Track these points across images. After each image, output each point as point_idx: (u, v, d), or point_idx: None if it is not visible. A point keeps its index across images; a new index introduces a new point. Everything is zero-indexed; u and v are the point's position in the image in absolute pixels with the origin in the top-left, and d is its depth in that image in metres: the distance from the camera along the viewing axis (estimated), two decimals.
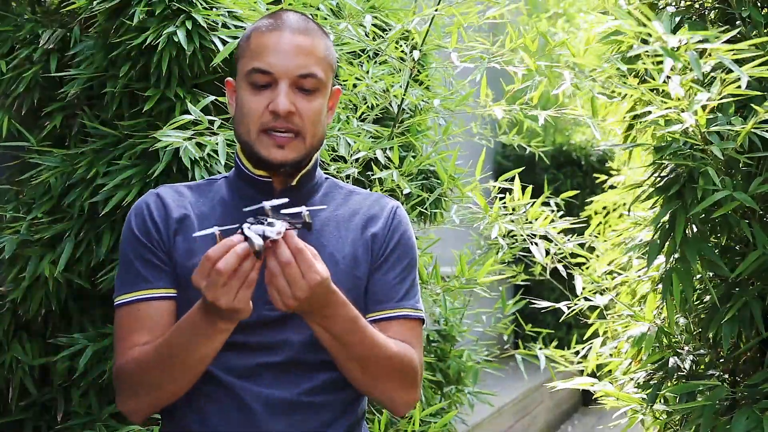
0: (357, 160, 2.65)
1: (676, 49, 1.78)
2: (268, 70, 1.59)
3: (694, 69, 1.77)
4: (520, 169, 3.03)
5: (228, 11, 2.57)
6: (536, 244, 2.81)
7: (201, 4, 2.52)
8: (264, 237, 1.38)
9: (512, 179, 2.90)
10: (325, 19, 2.71)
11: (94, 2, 2.56)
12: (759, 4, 2.28)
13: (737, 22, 2.25)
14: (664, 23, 1.82)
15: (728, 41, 1.93)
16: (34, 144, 2.70)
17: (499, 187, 2.96)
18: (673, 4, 2.39)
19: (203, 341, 1.51)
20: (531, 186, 2.93)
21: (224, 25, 2.53)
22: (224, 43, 2.50)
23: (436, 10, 2.70)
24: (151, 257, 1.63)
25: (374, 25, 2.79)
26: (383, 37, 2.79)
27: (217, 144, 2.34)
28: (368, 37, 2.73)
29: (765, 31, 2.20)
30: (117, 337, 1.64)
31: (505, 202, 2.91)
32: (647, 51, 1.80)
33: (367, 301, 1.66)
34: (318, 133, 1.64)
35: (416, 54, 2.73)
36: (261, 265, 1.41)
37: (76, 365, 2.55)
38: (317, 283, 1.43)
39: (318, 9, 2.67)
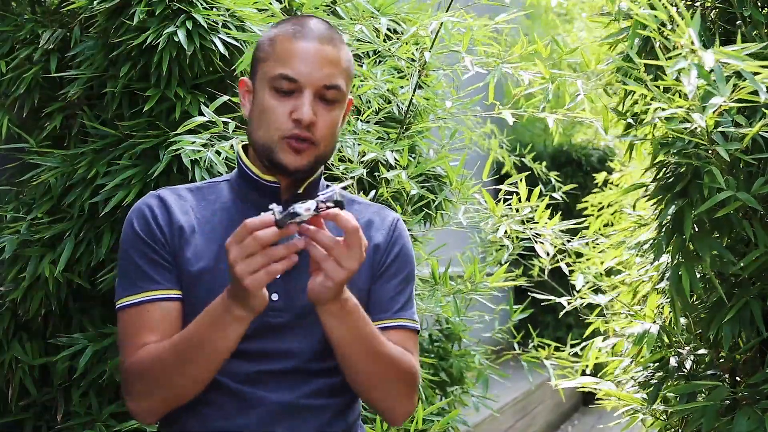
0: (362, 162, 2.65)
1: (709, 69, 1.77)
2: (294, 77, 1.58)
3: (720, 87, 1.77)
4: (525, 174, 3.06)
5: (228, 11, 2.56)
6: (541, 243, 2.86)
7: (201, 4, 2.51)
8: (295, 214, 1.41)
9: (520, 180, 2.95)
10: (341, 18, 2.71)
11: (94, 2, 2.56)
12: (759, 4, 2.28)
13: (738, 22, 2.25)
14: (695, 28, 1.81)
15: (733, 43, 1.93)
16: (34, 145, 2.70)
17: (505, 191, 3.00)
18: (674, 3, 2.39)
19: (218, 330, 1.48)
20: (535, 189, 2.96)
21: (224, 25, 2.53)
22: (224, 43, 2.50)
23: (447, 15, 2.71)
24: (157, 258, 1.60)
25: (376, 28, 2.79)
26: (392, 39, 2.79)
27: (232, 149, 2.33)
28: (378, 38, 2.73)
29: (766, 31, 2.20)
30: (125, 336, 1.60)
31: (510, 204, 2.95)
32: (671, 48, 1.78)
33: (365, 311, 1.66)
34: (331, 143, 1.64)
35: (428, 55, 2.73)
36: (288, 261, 1.42)
37: (76, 365, 2.55)
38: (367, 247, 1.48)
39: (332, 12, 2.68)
